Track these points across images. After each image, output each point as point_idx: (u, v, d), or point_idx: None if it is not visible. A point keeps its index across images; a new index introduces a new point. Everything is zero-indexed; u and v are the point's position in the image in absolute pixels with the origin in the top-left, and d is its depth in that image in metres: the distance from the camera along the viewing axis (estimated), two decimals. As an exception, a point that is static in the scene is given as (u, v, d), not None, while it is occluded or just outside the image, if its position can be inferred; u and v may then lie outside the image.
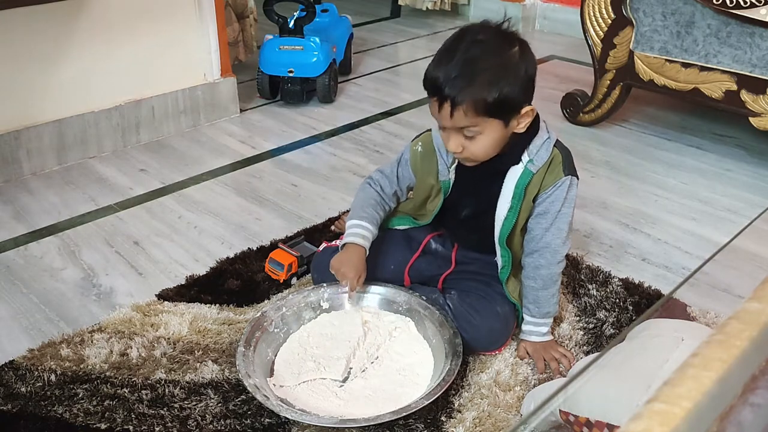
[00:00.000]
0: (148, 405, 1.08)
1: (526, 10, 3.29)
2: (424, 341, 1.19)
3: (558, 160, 1.13)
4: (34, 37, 1.76)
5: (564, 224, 1.15)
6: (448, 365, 1.10)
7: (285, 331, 1.21)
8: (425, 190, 1.24)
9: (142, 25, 1.95)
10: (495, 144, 1.08)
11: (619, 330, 1.26)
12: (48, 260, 1.48)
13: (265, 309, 1.22)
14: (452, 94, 1.01)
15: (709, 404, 0.40)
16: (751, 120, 1.81)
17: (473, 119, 1.03)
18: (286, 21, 2.28)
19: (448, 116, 1.03)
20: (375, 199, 1.25)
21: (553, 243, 1.15)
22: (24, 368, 1.15)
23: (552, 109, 2.29)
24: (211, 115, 2.20)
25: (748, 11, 1.71)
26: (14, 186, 1.79)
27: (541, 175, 1.13)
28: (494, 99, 1.01)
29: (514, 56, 1.03)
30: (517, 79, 1.03)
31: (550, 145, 1.13)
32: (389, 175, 1.27)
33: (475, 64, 1.01)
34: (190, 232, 1.60)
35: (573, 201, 1.15)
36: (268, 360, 1.16)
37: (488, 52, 1.03)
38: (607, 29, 2.01)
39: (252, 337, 1.16)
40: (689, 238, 1.59)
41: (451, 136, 1.07)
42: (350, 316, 1.24)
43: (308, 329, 1.23)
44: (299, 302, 1.25)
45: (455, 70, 1.01)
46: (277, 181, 1.85)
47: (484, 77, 1.01)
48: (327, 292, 1.26)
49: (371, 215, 1.23)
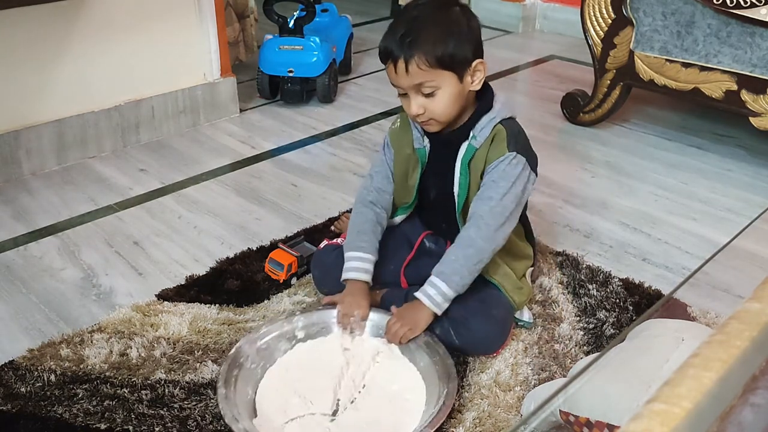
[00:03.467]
0: (148, 405, 1.08)
1: (526, 10, 3.29)
2: (410, 364, 1.13)
3: (502, 136, 1.15)
4: (34, 37, 1.76)
5: (496, 194, 1.13)
6: (445, 388, 1.05)
7: (262, 366, 1.14)
8: (403, 162, 1.25)
9: (142, 25, 1.95)
10: (454, 100, 1.11)
11: (620, 330, 1.26)
12: (48, 260, 1.48)
13: (239, 344, 1.14)
14: (403, 49, 1.07)
15: (710, 404, 0.40)
16: (751, 120, 1.81)
17: (428, 72, 1.08)
18: (286, 21, 2.28)
19: (404, 73, 1.08)
20: (370, 221, 1.24)
21: (483, 215, 1.13)
22: (24, 368, 1.15)
23: (552, 109, 2.30)
24: (211, 115, 2.20)
25: (748, 11, 1.71)
26: (14, 186, 1.79)
27: (485, 150, 1.15)
28: (443, 50, 1.07)
29: (456, 13, 1.11)
30: (462, 34, 1.09)
31: (494, 123, 1.15)
32: (380, 168, 1.27)
33: (420, 21, 1.09)
34: (189, 232, 1.60)
35: (515, 178, 1.14)
36: (249, 399, 1.08)
37: (430, 11, 1.10)
38: (607, 29, 2.01)
39: (230, 375, 1.08)
40: (689, 238, 1.59)
41: (411, 99, 1.12)
42: (328, 344, 1.18)
43: (286, 362, 1.16)
44: (273, 333, 1.18)
45: (402, 29, 1.08)
46: (277, 181, 1.85)
47: (431, 31, 1.07)
48: (301, 321, 1.20)
49: (369, 242, 1.22)
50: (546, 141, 2.11)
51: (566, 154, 2.03)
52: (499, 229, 1.14)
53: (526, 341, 1.23)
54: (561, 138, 2.14)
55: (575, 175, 1.89)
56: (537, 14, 3.33)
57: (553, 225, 1.63)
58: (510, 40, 3.20)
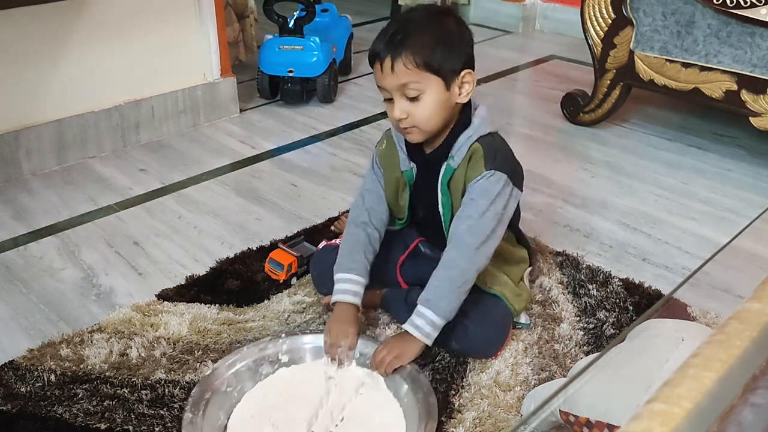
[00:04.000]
0: (148, 405, 1.08)
1: (526, 10, 3.29)
2: (394, 400, 1.08)
3: (479, 155, 1.11)
4: (34, 37, 1.76)
5: (475, 212, 1.10)
6: (422, 429, 0.99)
7: (239, 389, 1.09)
8: (393, 183, 1.23)
9: (142, 25, 1.95)
10: (438, 109, 1.08)
11: (620, 330, 1.26)
12: (48, 260, 1.48)
13: (217, 365, 1.10)
14: (391, 48, 1.05)
15: (710, 404, 0.40)
16: (751, 120, 1.81)
17: (413, 72, 1.05)
18: (286, 21, 2.28)
19: (390, 71, 1.06)
20: (362, 242, 1.21)
21: (462, 235, 1.10)
22: (24, 368, 1.15)
23: (552, 109, 2.29)
24: (211, 115, 2.20)
25: (748, 11, 1.71)
26: (14, 186, 1.79)
27: (463, 170, 1.13)
28: (432, 53, 1.05)
29: (450, 22, 1.09)
30: (452, 42, 1.07)
31: (470, 141, 1.12)
32: (371, 187, 1.24)
33: (411, 24, 1.07)
34: (189, 232, 1.60)
35: (495, 195, 1.10)
36: (219, 425, 1.03)
37: (423, 18, 1.09)
38: (607, 29, 2.01)
39: (201, 399, 1.03)
40: (689, 238, 1.59)
41: (395, 103, 1.08)
42: (312, 371, 1.14)
43: (265, 387, 1.11)
44: (255, 355, 1.14)
45: (392, 29, 1.07)
46: (277, 181, 1.85)
47: (421, 33, 1.06)
48: (286, 344, 1.16)
49: (360, 263, 1.19)
50: (546, 141, 2.11)
51: (566, 154, 2.03)
52: (479, 248, 1.10)
53: (526, 341, 1.23)
54: (561, 138, 2.14)
55: (575, 175, 1.89)
56: (537, 14, 3.33)
57: (553, 225, 1.63)
58: (510, 40, 3.20)
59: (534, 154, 2.02)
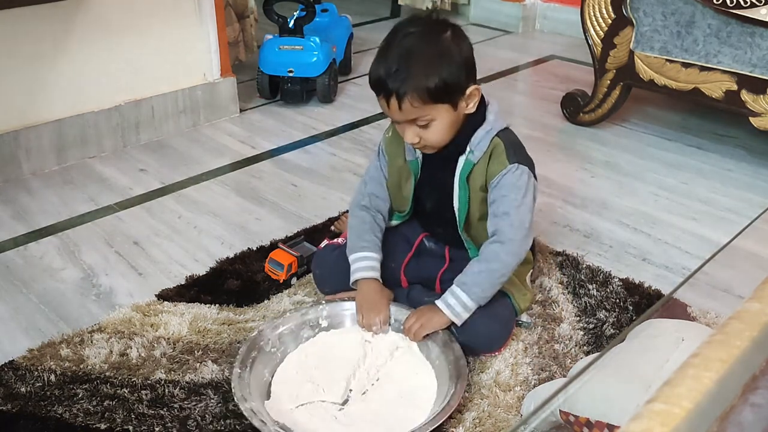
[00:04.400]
0: (148, 405, 1.08)
1: (526, 10, 3.29)
2: (426, 363, 1.16)
3: (500, 149, 1.14)
4: (34, 37, 1.76)
5: (511, 208, 1.12)
6: (452, 388, 1.06)
7: (282, 350, 1.18)
8: (397, 172, 1.24)
9: (142, 25, 1.95)
10: (449, 128, 1.10)
11: (620, 330, 1.26)
12: (48, 260, 1.48)
13: (262, 327, 1.18)
14: (395, 87, 1.05)
15: (710, 404, 0.40)
16: (751, 120, 1.81)
17: (421, 108, 1.06)
18: (286, 21, 2.28)
19: (397, 110, 1.06)
20: (368, 222, 1.24)
21: (504, 230, 1.13)
22: (24, 368, 1.15)
23: (552, 109, 2.29)
24: (211, 115, 2.20)
25: (748, 11, 1.71)
26: (14, 186, 1.79)
27: (483, 165, 1.14)
28: (436, 84, 1.04)
29: (447, 40, 1.08)
30: (453, 62, 1.06)
31: (490, 135, 1.14)
32: (374, 174, 1.26)
33: (411, 55, 1.05)
34: (189, 232, 1.60)
35: (524, 188, 1.13)
36: (264, 381, 1.12)
37: (421, 41, 1.07)
38: (607, 29, 2.01)
39: (248, 357, 1.12)
40: (689, 238, 1.59)
41: (406, 129, 1.10)
42: (350, 335, 1.21)
43: (306, 349, 1.19)
44: (297, 320, 1.21)
45: (394, 64, 1.05)
46: (277, 181, 1.85)
47: (422, 65, 1.05)
48: (326, 310, 1.23)
49: (371, 241, 1.23)
50: (546, 141, 2.11)
51: (566, 154, 2.03)
52: (522, 242, 1.14)
53: (526, 341, 1.23)
54: (561, 138, 2.14)
55: (575, 175, 1.89)
56: (537, 14, 3.32)
57: (553, 225, 1.63)
58: (510, 40, 3.20)
59: (534, 154, 1.98)
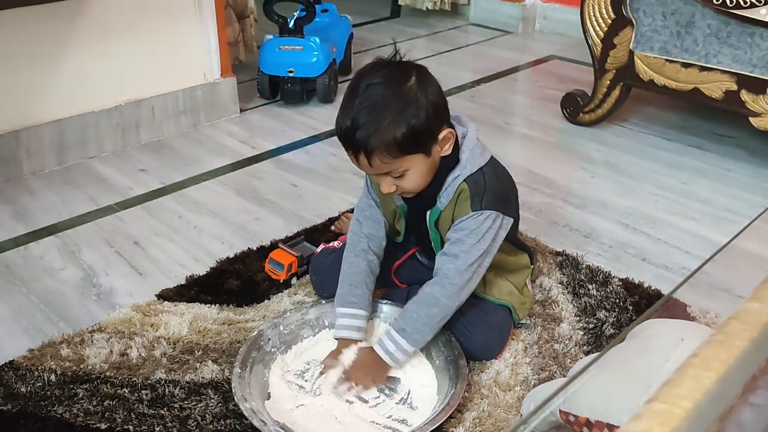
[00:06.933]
0: (148, 405, 1.08)
1: (526, 10, 3.29)
2: (426, 362, 1.16)
3: (465, 196, 1.09)
4: (34, 37, 1.76)
5: (462, 252, 1.09)
6: (452, 388, 1.07)
7: (282, 350, 1.18)
8: (390, 212, 1.23)
9: (142, 25, 1.95)
10: (425, 174, 1.08)
11: (619, 330, 1.26)
12: (48, 260, 1.48)
13: (262, 327, 1.19)
14: (363, 144, 1.01)
15: (709, 404, 0.40)
16: (751, 120, 1.81)
17: (392, 162, 1.03)
18: (286, 21, 2.28)
19: (368, 166, 1.04)
20: (363, 273, 1.19)
21: (449, 273, 1.09)
22: (24, 368, 1.15)
23: (552, 109, 2.29)
24: (211, 115, 2.20)
25: (748, 11, 1.71)
26: (14, 186, 1.79)
27: (450, 211, 1.12)
28: (403, 136, 1.01)
29: (412, 88, 1.03)
30: (420, 109, 1.02)
31: (457, 182, 1.10)
32: (368, 212, 1.22)
33: (376, 108, 1.01)
34: (190, 232, 1.60)
35: (482, 234, 1.08)
36: (264, 381, 1.13)
37: (386, 90, 1.02)
38: (607, 29, 2.01)
39: (248, 357, 1.12)
40: (689, 238, 1.59)
41: (381, 180, 1.08)
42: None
43: (302, 347, 1.20)
44: (297, 320, 1.22)
45: (359, 118, 1.01)
46: (277, 181, 1.85)
47: (388, 119, 1.00)
48: (327, 309, 1.24)
49: (361, 297, 1.18)
50: (546, 141, 2.11)
51: (566, 154, 2.03)
52: (464, 287, 1.10)
53: (526, 341, 1.23)
54: (561, 138, 2.14)
55: (575, 175, 1.89)
56: (537, 14, 3.32)
57: (553, 225, 1.63)
58: (510, 40, 3.20)
59: (534, 154, 2.02)
